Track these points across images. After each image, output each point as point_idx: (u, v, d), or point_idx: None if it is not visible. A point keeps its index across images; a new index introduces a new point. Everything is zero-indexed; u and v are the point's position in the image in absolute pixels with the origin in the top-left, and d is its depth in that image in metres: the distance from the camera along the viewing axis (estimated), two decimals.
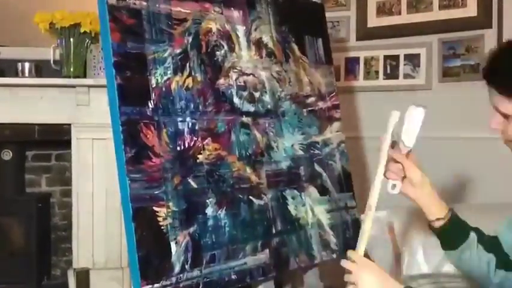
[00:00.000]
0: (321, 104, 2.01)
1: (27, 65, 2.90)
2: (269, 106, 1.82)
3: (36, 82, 2.85)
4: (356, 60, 2.93)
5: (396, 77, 2.82)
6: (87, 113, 2.82)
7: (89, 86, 2.79)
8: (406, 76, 2.80)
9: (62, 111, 2.84)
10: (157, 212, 1.45)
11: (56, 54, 2.93)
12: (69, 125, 2.87)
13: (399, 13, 2.81)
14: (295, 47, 1.97)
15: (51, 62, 2.91)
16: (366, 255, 1.26)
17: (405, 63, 2.80)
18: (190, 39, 1.65)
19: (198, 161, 1.57)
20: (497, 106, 1.20)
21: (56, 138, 2.95)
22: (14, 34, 3.11)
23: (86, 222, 2.84)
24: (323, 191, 1.91)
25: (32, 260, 3.06)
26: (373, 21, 2.87)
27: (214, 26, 1.72)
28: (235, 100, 1.72)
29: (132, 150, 1.44)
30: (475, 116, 2.55)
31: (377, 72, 2.87)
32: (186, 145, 1.56)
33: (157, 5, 1.59)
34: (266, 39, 1.87)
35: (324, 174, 1.93)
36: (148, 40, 1.55)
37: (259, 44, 1.84)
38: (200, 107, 1.62)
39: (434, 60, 2.73)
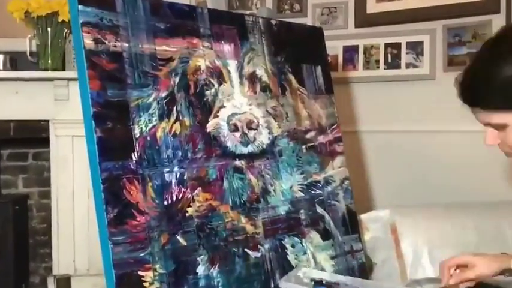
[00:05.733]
0: (321, 139, 1.97)
1: (0, 57, 2.85)
2: (264, 146, 1.78)
3: (11, 75, 2.78)
4: (355, 48, 2.91)
5: (398, 67, 2.81)
6: (67, 108, 2.74)
7: (68, 79, 2.72)
8: (409, 65, 2.79)
9: (40, 107, 2.78)
10: (143, 276, 1.41)
11: (32, 45, 2.88)
12: (47, 121, 2.81)
13: None
14: (292, 78, 1.93)
15: (27, 53, 2.86)
16: None
17: (407, 51, 2.79)
18: (177, 80, 1.61)
19: (187, 214, 1.54)
20: (489, 121, 1.27)
21: (33, 135, 2.88)
22: None
23: (66, 225, 2.79)
24: (326, 235, 1.87)
25: (8, 267, 2.99)
26: (373, 6, 2.86)
27: (203, 63, 1.68)
28: (228, 143, 1.68)
29: (115, 210, 1.40)
30: None
31: (377, 61, 2.86)
32: (174, 198, 1.52)
33: (140, 45, 1.55)
34: (260, 72, 1.83)
35: (327, 216, 1.89)
36: (131, 85, 1.51)
37: (252, 79, 1.80)
38: (189, 154, 1.58)
39: (439, 48, 2.71)
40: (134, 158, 1.47)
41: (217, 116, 1.68)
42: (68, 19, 2.66)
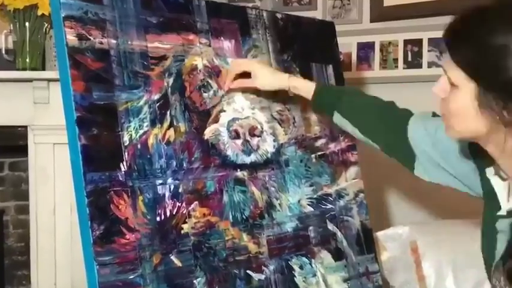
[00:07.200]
0: (333, 147, 1.96)
1: None
2: (269, 155, 1.77)
3: None
4: (370, 45, 2.88)
5: (419, 66, 2.78)
6: (47, 113, 2.71)
7: (49, 80, 2.70)
8: (431, 64, 2.75)
9: (17, 111, 2.74)
10: None
11: (9, 42, 2.86)
12: (26, 127, 2.78)
13: None
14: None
15: (3, 51, 2.85)
16: None
17: (429, 49, 2.76)
18: (171, 80, 1.60)
19: (182, 232, 1.52)
20: (447, 71, 1.28)
21: (10, 143, 2.85)
22: None
23: (47, 244, 2.76)
24: (338, 255, 1.85)
25: None
26: None
27: (200, 62, 1.68)
28: (228, 151, 1.67)
29: (101, 227, 1.39)
30: None
31: (396, 60, 2.83)
32: (168, 214, 1.51)
33: (129, 42, 1.54)
34: None
35: (339, 233, 1.88)
36: (119, 87, 1.50)
37: None
38: (184, 164, 1.57)
39: None
40: (123, 169, 1.45)
41: (216, 122, 1.67)
42: (48, 12, 2.65)
